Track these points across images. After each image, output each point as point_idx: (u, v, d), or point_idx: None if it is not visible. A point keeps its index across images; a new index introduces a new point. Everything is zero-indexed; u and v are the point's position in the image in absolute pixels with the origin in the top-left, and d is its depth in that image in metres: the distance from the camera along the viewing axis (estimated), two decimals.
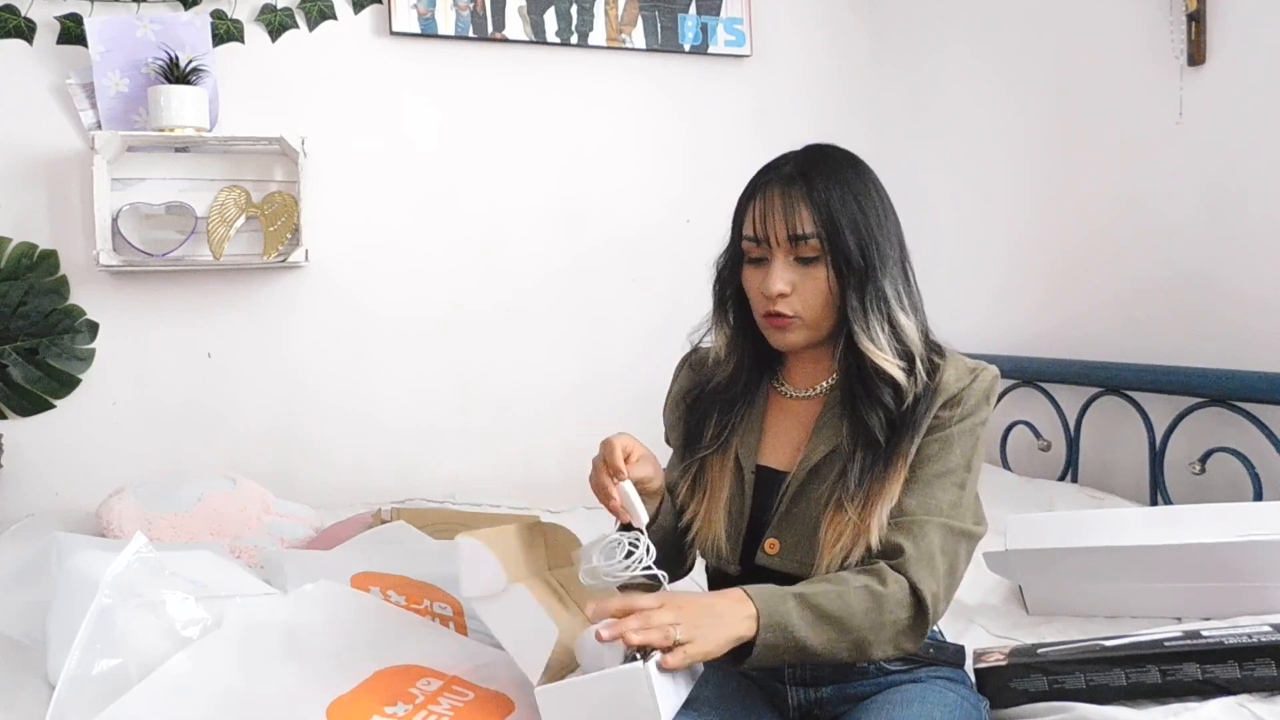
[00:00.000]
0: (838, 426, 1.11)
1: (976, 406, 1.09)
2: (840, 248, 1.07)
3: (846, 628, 1.00)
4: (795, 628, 0.98)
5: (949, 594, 1.06)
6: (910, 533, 1.05)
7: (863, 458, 1.08)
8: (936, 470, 1.07)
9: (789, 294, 1.09)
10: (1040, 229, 2.32)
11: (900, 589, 1.02)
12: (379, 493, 2.32)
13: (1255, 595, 1.34)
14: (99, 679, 0.94)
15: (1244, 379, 1.76)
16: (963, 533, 1.07)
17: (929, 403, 1.08)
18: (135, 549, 1.04)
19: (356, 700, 0.90)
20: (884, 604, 1.01)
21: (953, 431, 1.08)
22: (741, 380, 1.19)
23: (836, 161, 1.12)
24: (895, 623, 1.02)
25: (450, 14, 2.41)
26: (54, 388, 2.19)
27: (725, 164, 2.59)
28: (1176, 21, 1.92)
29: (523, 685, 1.00)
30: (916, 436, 1.08)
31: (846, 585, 1.02)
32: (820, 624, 1.00)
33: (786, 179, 1.10)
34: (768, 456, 1.16)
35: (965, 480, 1.09)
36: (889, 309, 1.09)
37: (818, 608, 1.00)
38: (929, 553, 1.04)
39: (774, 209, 1.09)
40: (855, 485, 1.07)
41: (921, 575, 1.03)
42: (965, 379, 1.10)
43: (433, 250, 2.45)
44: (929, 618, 1.03)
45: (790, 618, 0.99)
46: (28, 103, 2.17)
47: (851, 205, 1.09)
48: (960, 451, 1.08)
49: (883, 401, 1.08)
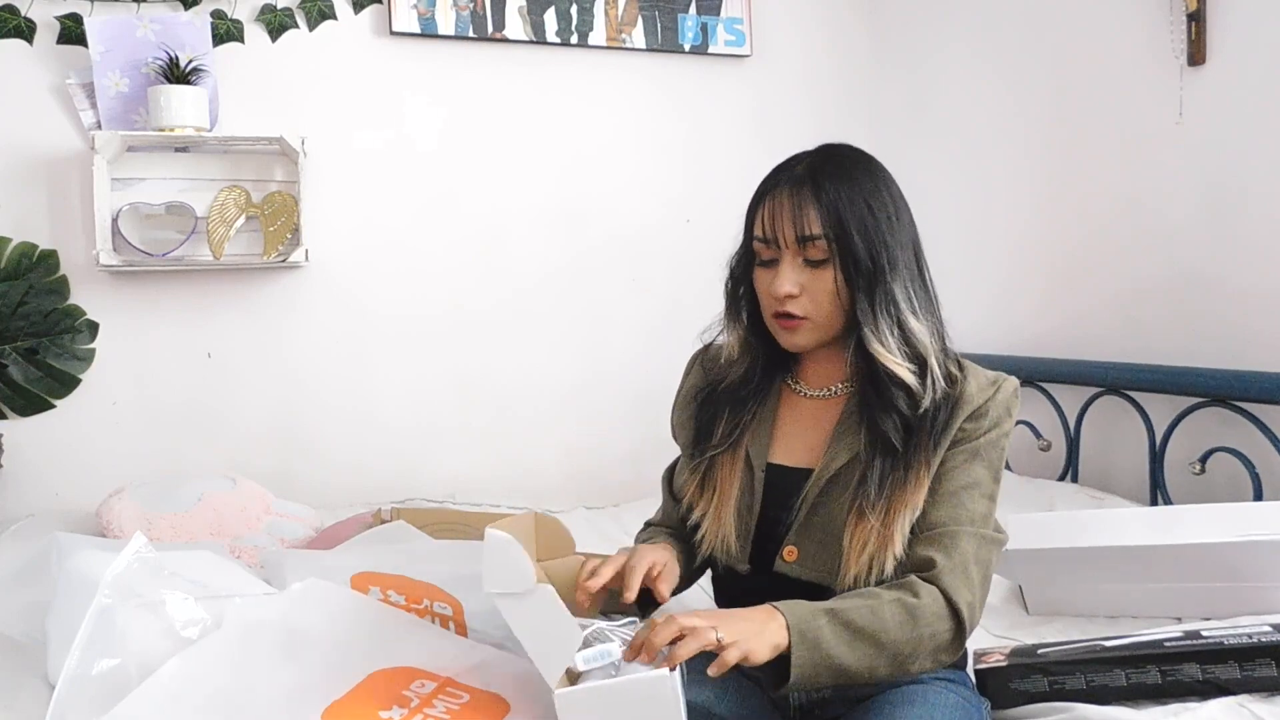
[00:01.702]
0: (856, 433, 1.11)
1: (1000, 418, 1.10)
2: (849, 249, 1.07)
3: (881, 644, 0.99)
4: (828, 644, 0.97)
5: (984, 602, 1.07)
6: (942, 544, 1.05)
7: (881, 464, 1.07)
8: (964, 482, 1.08)
9: (797, 295, 1.09)
10: (1040, 229, 2.32)
11: (935, 601, 1.01)
12: (379, 493, 2.32)
13: (1255, 595, 1.34)
14: (99, 679, 0.93)
15: (1244, 379, 1.76)
16: (994, 541, 1.08)
17: (950, 413, 1.08)
18: (135, 549, 1.04)
19: (352, 705, 0.90)
20: (919, 617, 1.00)
21: (980, 444, 1.09)
22: (754, 379, 1.19)
23: (848, 162, 1.12)
24: (933, 636, 1.01)
25: (450, 14, 2.41)
26: (54, 388, 2.18)
27: (725, 164, 2.60)
28: (1176, 21, 1.92)
29: (520, 686, 1.00)
30: (940, 447, 1.07)
31: (879, 600, 1.01)
32: (855, 641, 0.99)
33: (796, 180, 1.10)
34: (780, 454, 1.16)
35: (994, 492, 1.09)
36: (899, 312, 1.08)
37: (850, 623, 0.99)
38: (963, 563, 1.04)
39: (782, 210, 1.09)
40: (876, 493, 1.06)
41: (956, 586, 1.02)
42: (988, 390, 1.10)
43: (433, 250, 2.45)
44: (966, 629, 1.03)
45: (823, 634, 0.97)
46: (28, 103, 2.17)
47: (861, 207, 1.08)
48: (988, 463, 1.09)
49: (897, 407, 1.08)
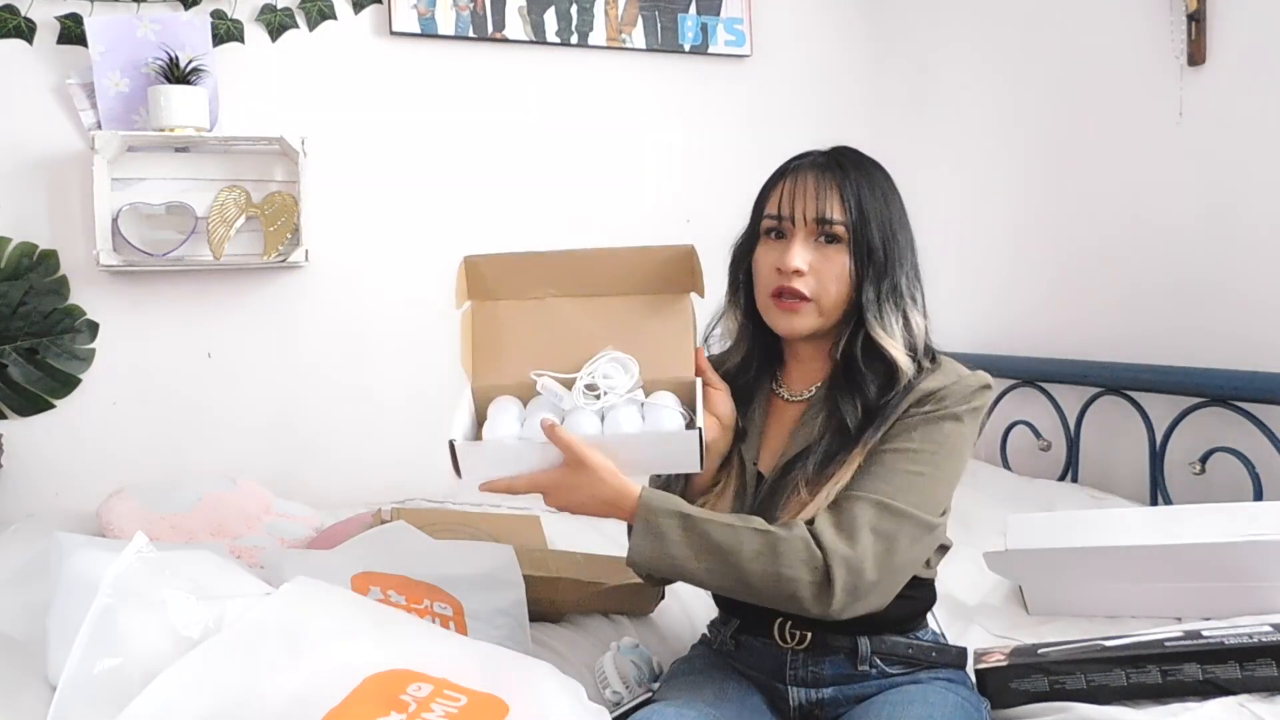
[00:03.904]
0: (813, 424, 1.12)
1: (951, 405, 1.08)
2: (865, 237, 1.09)
3: (731, 564, 1.01)
4: (671, 543, 1.01)
5: (884, 576, 1.02)
6: (837, 505, 1.04)
7: (827, 445, 1.09)
8: (890, 454, 1.06)
9: (805, 273, 1.10)
10: (1040, 229, 2.33)
11: (802, 545, 1.00)
12: (379, 493, 2.31)
13: (1255, 595, 1.34)
14: (100, 679, 0.93)
15: (1244, 379, 1.76)
16: (902, 513, 1.03)
17: (901, 399, 1.08)
18: (136, 549, 1.04)
19: (350, 711, 0.89)
20: (780, 552, 1.00)
21: (914, 420, 1.07)
22: (751, 370, 1.20)
23: (866, 160, 1.16)
24: (794, 580, 1.00)
25: (450, 14, 2.41)
26: (54, 388, 2.18)
27: (725, 164, 2.60)
28: (1176, 21, 1.92)
29: (520, 687, 0.99)
30: (880, 427, 1.07)
31: (745, 523, 1.03)
32: (703, 550, 1.01)
33: (820, 165, 1.13)
34: (763, 462, 1.17)
35: (925, 471, 1.05)
36: (904, 304, 1.11)
37: (704, 534, 1.02)
38: (850, 524, 1.02)
39: (806, 189, 1.11)
40: (814, 470, 1.08)
41: (832, 540, 1.01)
42: (948, 380, 1.09)
43: (433, 250, 2.45)
44: (837, 588, 0.99)
45: (668, 532, 1.01)
46: (28, 103, 2.16)
47: (880, 200, 1.11)
48: (921, 439, 1.06)
49: (863, 390, 1.09)
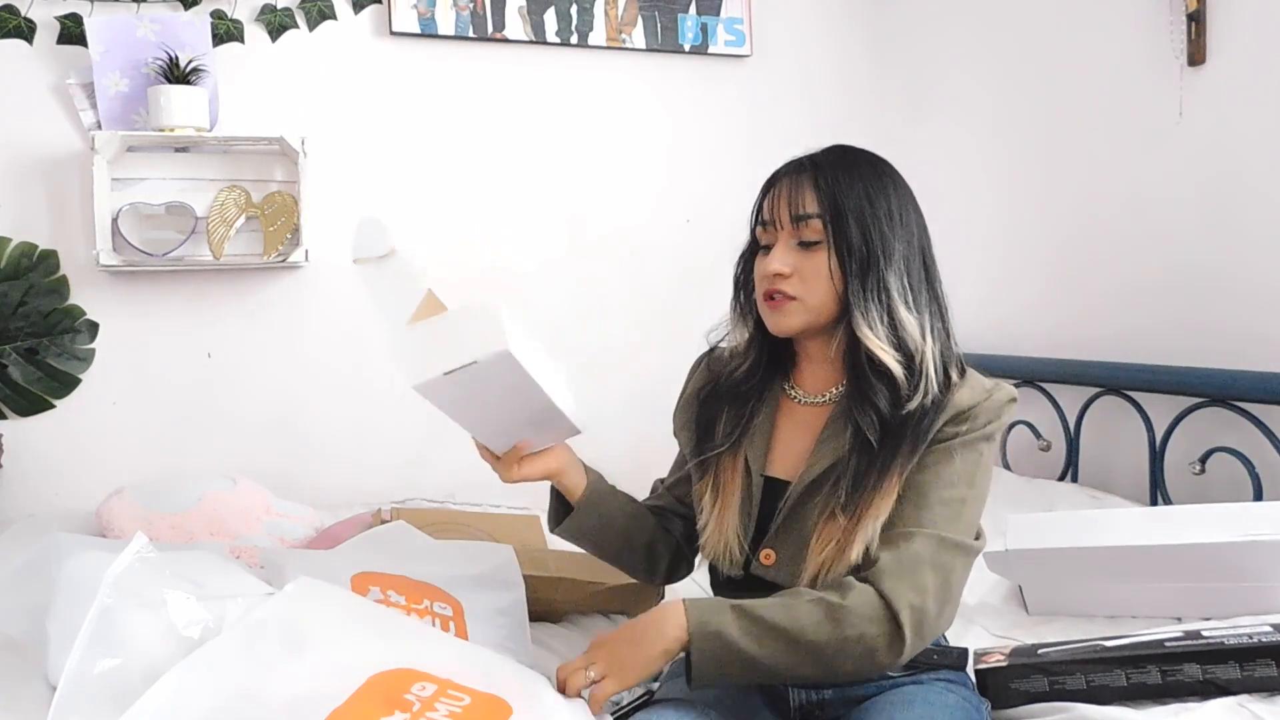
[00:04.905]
0: (840, 437, 1.10)
1: (984, 423, 1.07)
2: (842, 231, 1.08)
3: (798, 642, 0.98)
4: (733, 638, 0.98)
5: (944, 608, 1.03)
6: (894, 544, 1.02)
7: (856, 464, 1.06)
8: (932, 480, 1.05)
9: (788, 275, 1.10)
10: (1040, 229, 2.32)
11: (866, 603, 0.99)
12: (379, 493, 2.32)
13: (1255, 595, 1.34)
14: (100, 679, 0.93)
15: (1244, 379, 1.76)
16: (957, 545, 1.04)
17: (934, 417, 1.06)
18: (136, 549, 1.04)
19: (354, 711, 0.89)
20: (843, 618, 0.98)
21: (954, 444, 1.06)
22: (757, 376, 1.19)
23: (855, 157, 1.14)
24: (861, 639, 0.98)
25: (450, 14, 2.41)
26: (54, 388, 2.18)
27: (725, 164, 2.60)
28: (1176, 21, 1.92)
29: (521, 688, 0.99)
30: (916, 452, 1.05)
31: (797, 598, 1.00)
32: (765, 636, 0.98)
33: (798, 168, 1.13)
34: (775, 466, 1.15)
35: (968, 496, 1.06)
36: (890, 300, 1.08)
37: (760, 620, 0.99)
38: (912, 565, 1.01)
39: (782, 193, 1.12)
40: (847, 494, 1.05)
41: (895, 587, 0.99)
42: (979, 395, 1.08)
43: (432, 250, 2.45)
44: (907, 633, 0.98)
45: (727, 628, 0.98)
46: (28, 103, 2.17)
47: (859, 193, 1.10)
48: (961, 464, 1.05)
49: (876, 404, 1.07)
